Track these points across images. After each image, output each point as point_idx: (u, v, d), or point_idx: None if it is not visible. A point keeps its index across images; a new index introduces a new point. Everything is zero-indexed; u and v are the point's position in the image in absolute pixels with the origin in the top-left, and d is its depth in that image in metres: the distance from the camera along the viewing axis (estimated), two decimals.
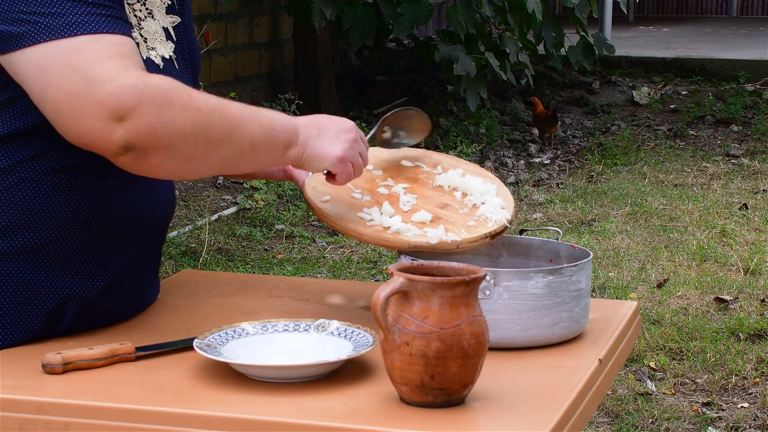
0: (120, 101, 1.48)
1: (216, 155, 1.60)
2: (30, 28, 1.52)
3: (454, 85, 6.67)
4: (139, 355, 1.62)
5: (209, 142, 1.57)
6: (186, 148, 1.55)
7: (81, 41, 1.52)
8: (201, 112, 1.56)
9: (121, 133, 1.49)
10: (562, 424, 1.41)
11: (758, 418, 3.33)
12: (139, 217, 1.75)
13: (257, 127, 1.64)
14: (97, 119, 1.49)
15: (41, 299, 1.67)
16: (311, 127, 1.73)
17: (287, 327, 1.65)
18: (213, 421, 1.40)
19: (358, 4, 6.18)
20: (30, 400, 1.46)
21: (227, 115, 1.60)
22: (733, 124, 7.66)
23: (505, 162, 6.68)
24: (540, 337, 1.67)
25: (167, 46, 1.80)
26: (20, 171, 1.64)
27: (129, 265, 1.76)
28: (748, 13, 15.52)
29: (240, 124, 1.62)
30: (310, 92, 6.79)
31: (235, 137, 1.61)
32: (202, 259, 4.61)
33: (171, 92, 1.53)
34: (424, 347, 1.41)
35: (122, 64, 1.52)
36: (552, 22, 7.32)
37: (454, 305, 1.42)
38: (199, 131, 1.56)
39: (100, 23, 1.55)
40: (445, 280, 1.41)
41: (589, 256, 1.73)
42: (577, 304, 1.69)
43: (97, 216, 1.69)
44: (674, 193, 5.97)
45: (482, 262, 1.87)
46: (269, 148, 1.67)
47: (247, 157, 1.65)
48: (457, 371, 1.42)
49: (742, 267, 4.64)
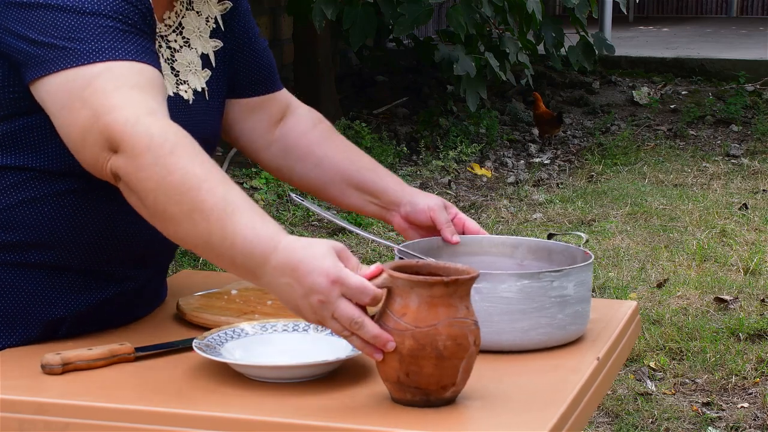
0: (112, 133, 1.48)
1: (173, 230, 1.48)
2: (55, 54, 1.54)
3: (454, 85, 6.67)
4: (139, 355, 1.62)
5: (166, 211, 1.46)
6: (149, 203, 1.48)
7: (96, 70, 1.52)
8: (172, 175, 1.45)
9: (111, 162, 1.50)
10: (561, 424, 1.41)
11: (758, 418, 3.33)
12: (146, 242, 1.74)
13: (217, 228, 1.44)
14: (98, 149, 1.51)
15: (40, 311, 1.68)
16: (284, 273, 1.43)
17: (286, 327, 1.65)
18: (213, 421, 1.40)
19: (358, 4, 6.18)
20: (30, 401, 1.46)
21: (194, 196, 1.44)
22: (733, 124, 7.66)
23: (505, 162, 6.68)
24: (515, 341, 1.63)
25: (202, 75, 1.79)
26: (27, 190, 1.65)
27: (133, 285, 1.77)
28: (748, 13, 15.52)
29: (202, 213, 1.44)
30: (310, 92, 6.78)
31: (191, 224, 1.45)
32: (202, 259, 4.61)
33: (154, 140, 1.46)
34: (398, 344, 1.40)
35: (128, 96, 1.51)
36: (552, 22, 7.33)
37: (433, 305, 1.40)
38: (161, 193, 1.46)
39: (121, 50, 1.54)
40: (423, 279, 1.40)
41: (575, 264, 1.69)
42: (561, 311, 1.64)
43: (103, 238, 1.70)
44: (674, 193, 5.97)
45: (506, 265, 1.85)
46: (226, 260, 1.46)
47: (204, 252, 1.47)
48: (432, 372, 1.41)
49: (742, 267, 4.64)
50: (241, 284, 1.94)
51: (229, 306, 1.82)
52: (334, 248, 1.43)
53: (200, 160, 1.48)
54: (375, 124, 7.14)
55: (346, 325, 1.41)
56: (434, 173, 6.26)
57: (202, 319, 1.75)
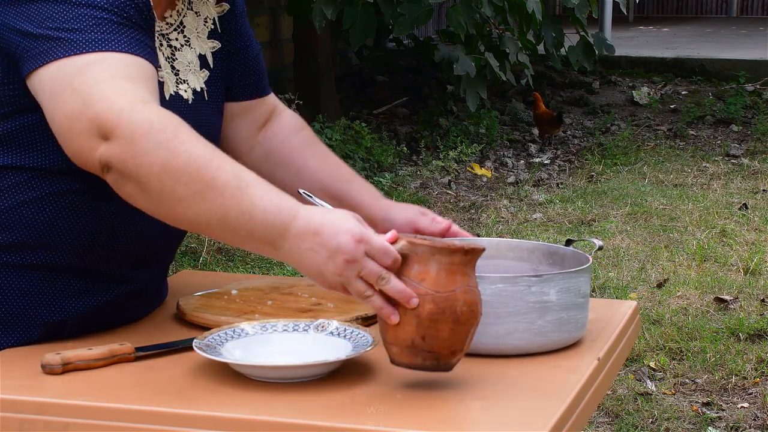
0: (104, 121, 1.47)
1: (182, 212, 1.47)
2: (49, 45, 1.53)
3: (454, 85, 6.67)
4: (139, 355, 1.62)
5: (175, 193, 1.45)
6: (153, 188, 1.46)
7: (88, 60, 1.52)
8: (177, 158, 1.45)
9: (101, 150, 1.48)
10: (561, 424, 1.41)
11: (758, 418, 3.33)
12: (147, 242, 1.74)
13: (234, 204, 1.44)
14: (86, 137, 1.49)
15: (41, 313, 1.68)
16: (304, 239, 1.45)
17: (287, 327, 1.65)
18: (213, 421, 1.40)
19: (359, 4, 6.18)
20: (30, 401, 1.46)
21: (205, 174, 1.45)
22: (733, 124, 7.66)
23: (505, 162, 6.68)
24: (490, 345, 1.61)
25: (201, 76, 1.79)
26: (29, 191, 1.65)
27: (134, 286, 1.77)
28: (748, 13, 15.52)
29: (213, 189, 1.44)
30: (310, 92, 6.78)
31: (204, 203, 1.45)
32: (202, 259, 4.61)
33: (155, 125, 1.46)
34: (417, 308, 1.44)
35: (120, 86, 1.50)
36: (552, 22, 7.33)
37: (451, 272, 1.46)
38: (167, 176, 1.45)
39: (113, 42, 1.54)
40: (444, 245, 1.46)
41: (557, 271, 1.66)
42: (541, 317, 1.61)
43: (104, 239, 1.69)
44: (674, 193, 5.97)
45: (520, 269, 1.84)
46: (243, 235, 1.46)
47: (218, 230, 1.47)
48: (447, 336, 1.45)
49: (742, 267, 4.64)
50: (241, 284, 1.95)
51: (229, 306, 1.82)
52: (352, 215, 1.47)
53: (203, 142, 1.49)
54: (375, 124, 7.14)
55: (374, 281, 1.44)
56: (434, 173, 6.26)
57: (202, 318, 1.75)
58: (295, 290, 1.92)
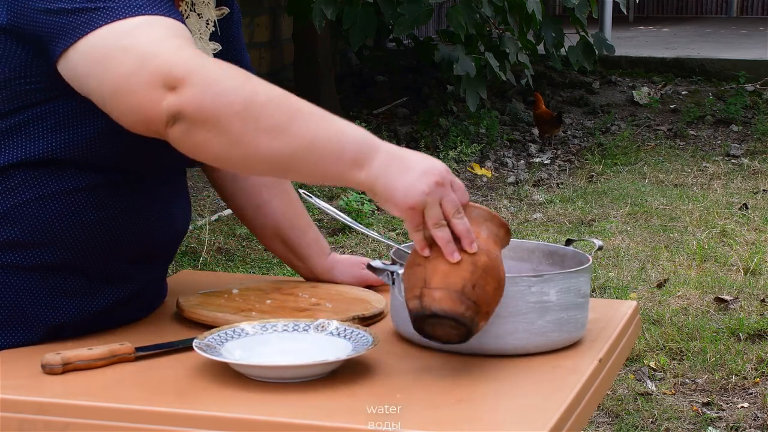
0: (171, 70, 1.45)
1: (267, 145, 1.46)
2: (88, 16, 1.51)
3: (454, 85, 6.67)
4: (139, 355, 1.62)
5: (259, 127, 1.44)
6: (233, 128, 1.44)
7: (135, 23, 1.50)
8: (257, 95, 1.46)
9: (169, 100, 1.45)
10: (561, 424, 1.41)
11: (758, 418, 3.33)
12: (150, 241, 1.74)
13: (322, 127, 1.47)
14: (149, 89, 1.46)
15: (42, 315, 1.68)
16: (395, 159, 1.48)
17: (287, 327, 1.65)
18: (213, 421, 1.40)
19: (359, 4, 6.18)
20: (30, 401, 1.46)
21: (288, 104, 1.47)
22: (733, 124, 7.66)
23: (505, 162, 6.68)
24: (490, 345, 1.61)
25: None
26: (33, 189, 1.65)
27: (134, 286, 1.77)
28: (748, 13, 15.52)
29: (300, 117, 1.46)
30: (310, 92, 6.78)
31: (292, 130, 1.45)
32: (202, 259, 4.61)
33: (226, 71, 1.47)
34: (474, 255, 1.49)
35: (177, 43, 1.49)
36: (552, 22, 7.33)
37: (496, 243, 1.54)
38: (250, 113, 1.45)
39: (155, 6, 1.53)
40: (496, 214, 1.54)
41: (557, 271, 1.66)
42: (541, 317, 1.61)
43: (108, 237, 1.69)
44: (674, 193, 5.98)
45: (521, 269, 1.84)
46: (332, 157, 1.46)
47: (303, 158, 1.47)
48: (491, 293, 1.49)
49: (742, 267, 4.64)
50: (242, 284, 1.95)
51: (228, 304, 1.82)
52: None
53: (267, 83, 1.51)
54: (375, 124, 7.14)
55: (451, 211, 1.49)
56: None
57: (199, 315, 1.76)
58: (296, 291, 1.92)
